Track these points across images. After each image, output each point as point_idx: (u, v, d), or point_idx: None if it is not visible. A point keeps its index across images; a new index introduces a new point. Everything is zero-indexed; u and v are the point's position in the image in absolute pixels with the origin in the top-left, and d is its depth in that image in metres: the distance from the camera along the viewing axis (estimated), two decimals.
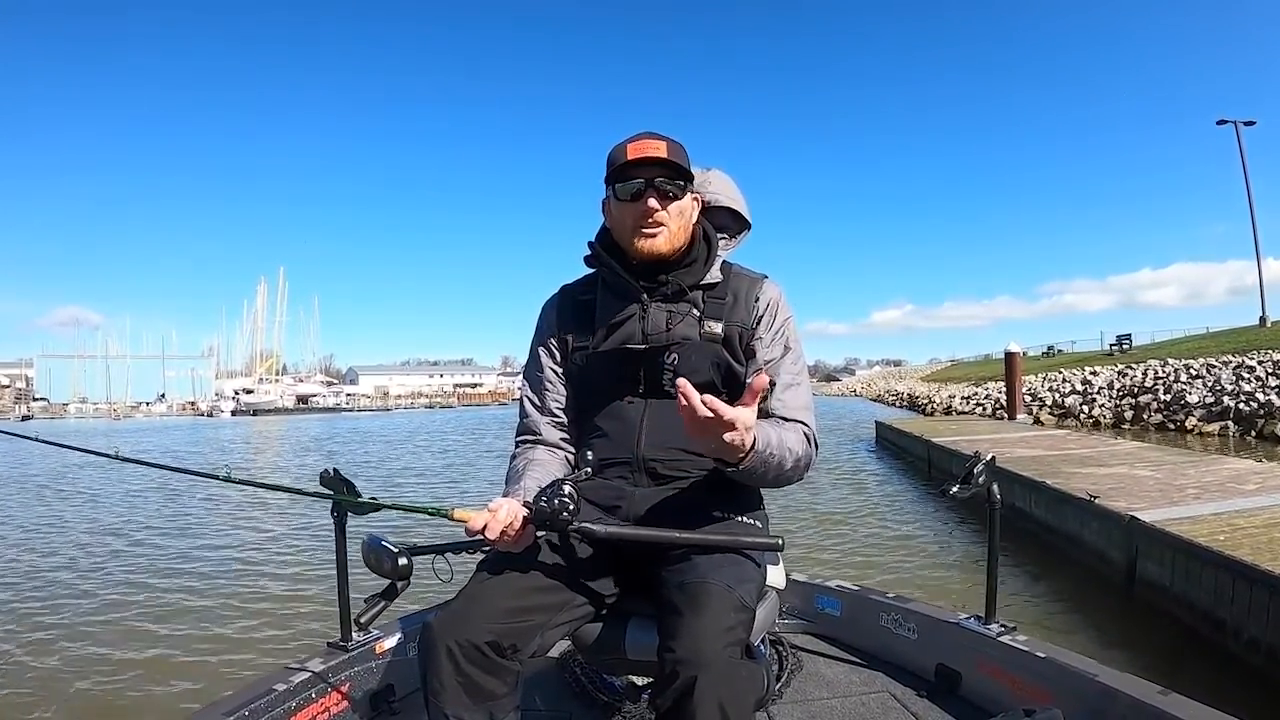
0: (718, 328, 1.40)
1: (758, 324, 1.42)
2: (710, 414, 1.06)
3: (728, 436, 1.09)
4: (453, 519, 1.25)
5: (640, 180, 1.35)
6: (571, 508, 1.19)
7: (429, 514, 1.30)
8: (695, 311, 1.41)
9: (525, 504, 1.24)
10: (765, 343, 1.41)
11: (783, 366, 1.40)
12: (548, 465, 1.44)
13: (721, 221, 1.56)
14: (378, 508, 1.50)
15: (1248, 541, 3.56)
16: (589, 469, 1.25)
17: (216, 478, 1.71)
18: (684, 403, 1.06)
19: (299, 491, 1.71)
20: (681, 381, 1.08)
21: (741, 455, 1.15)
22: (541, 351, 1.52)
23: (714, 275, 1.44)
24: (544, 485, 1.25)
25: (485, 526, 1.19)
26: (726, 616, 1.13)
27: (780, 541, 1.29)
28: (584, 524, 1.21)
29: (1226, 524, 3.96)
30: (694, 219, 1.45)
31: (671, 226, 1.37)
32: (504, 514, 1.20)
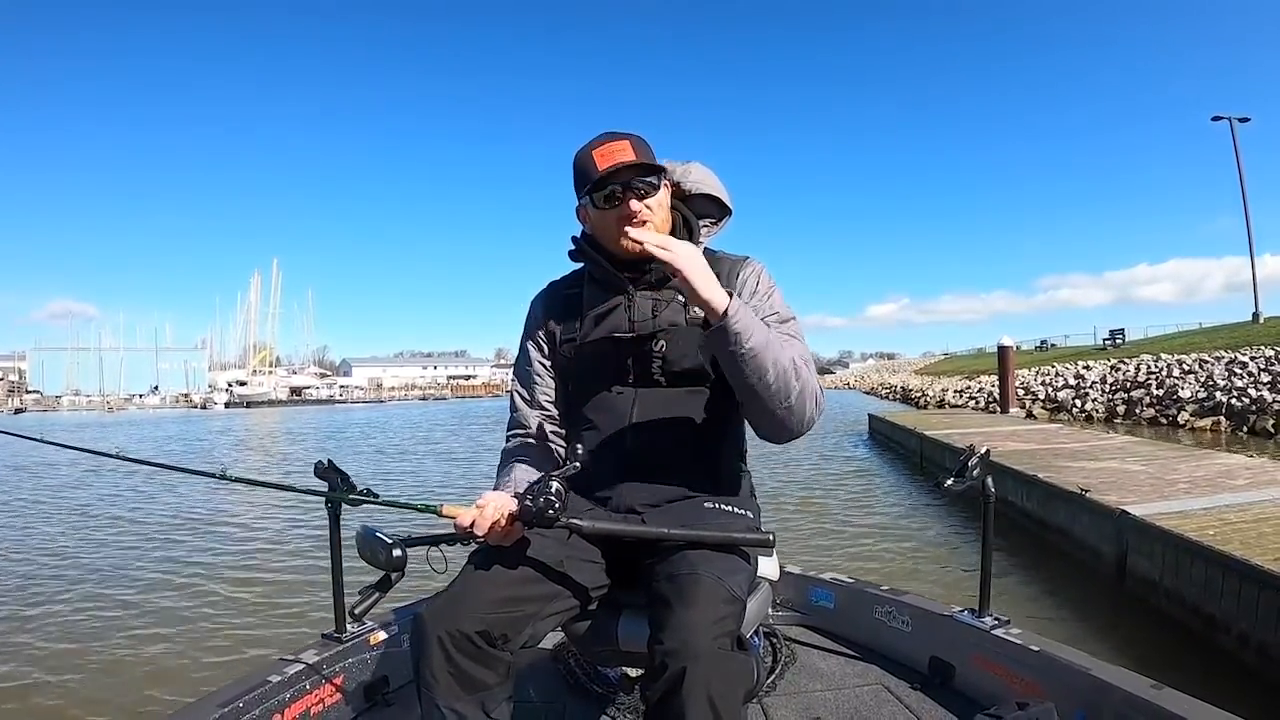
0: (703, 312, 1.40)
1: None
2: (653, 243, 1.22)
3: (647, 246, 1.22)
4: (442, 515, 1.26)
5: (616, 185, 1.35)
6: (557, 505, 1.18)
7: (419, 510, 1.31)
8: (680, 298, 1.41)
9: (516, 495, 1.24)
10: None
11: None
12: (537, 458, 1.44)
13: (703, 209, 1.55)
14: (369, 503, 1.51)
15: (1238, 536, 3.58)
16: (577, 463, 1.25)
17: (214, 475, 1.75)
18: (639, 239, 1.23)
19: (291, 488, 1.72)
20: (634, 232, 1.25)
21: (720, 309, 1.21)
22: (530, 346, 1.53)
23: None
24: (532, 481, 1.25)
25: (473, 523, 1.20)
26: (716, 608, 1.13)
27: (770, 538, 1.29)
28: (572, 520, 1.21)
29: (1217, 519, 3.98)
30: (668, 205, 1.45)
31: (656, 221, 1.38)
32: (491, 510, 1.21)
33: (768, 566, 1.52)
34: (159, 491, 9.74)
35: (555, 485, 1.20)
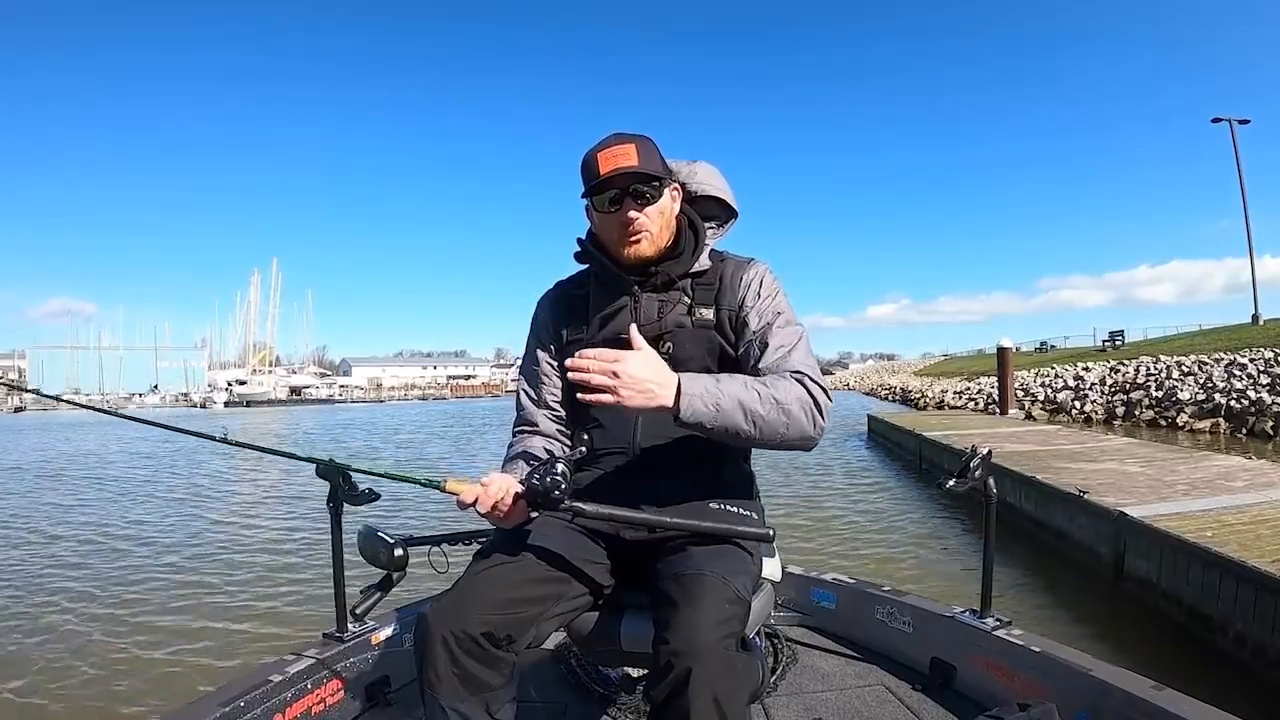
0: (709, 313, 1.40)
1: (744, 301, 1.41)
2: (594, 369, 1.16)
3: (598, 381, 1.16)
4: (445, 490, 1.26)
5: (615, 190, 1.35)
6: (563, 486, 1.19)
7: (422, 484, 1.32)
8: (686, 299, 1.42)
9: (520, 481, 1.25)
10: (753, 312, 1.40)
11: (772, 333, 1.37)
12: (543, 455, 1.44)
13: (709, 211, 1.55)
14: (370, 474, 1.51)
15: (1235, 538, 3.59)
16: (583, 449, 1.26)
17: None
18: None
19: (294, 454, 1.67)
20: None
21: (670, 408, 1.19)
22: (537, 346, 1.53)
23: (702, 263, 1.45)
24: (538, 463, 1.26)
25: (476, 500, 1.22)
26: (721, 608, 1.13)
27: (770, 532, 1.29)
28: (576, 503, 1.21)
29: (1215, 520, 3.99)
30: (676, 210, 1.45)
31: (653, 229, 1.38)
32: (495, 488, 1.22)
33: (770, 567, 1.52)
34: (157, 492, 9.74)
35: (561, 467, 1.21)
